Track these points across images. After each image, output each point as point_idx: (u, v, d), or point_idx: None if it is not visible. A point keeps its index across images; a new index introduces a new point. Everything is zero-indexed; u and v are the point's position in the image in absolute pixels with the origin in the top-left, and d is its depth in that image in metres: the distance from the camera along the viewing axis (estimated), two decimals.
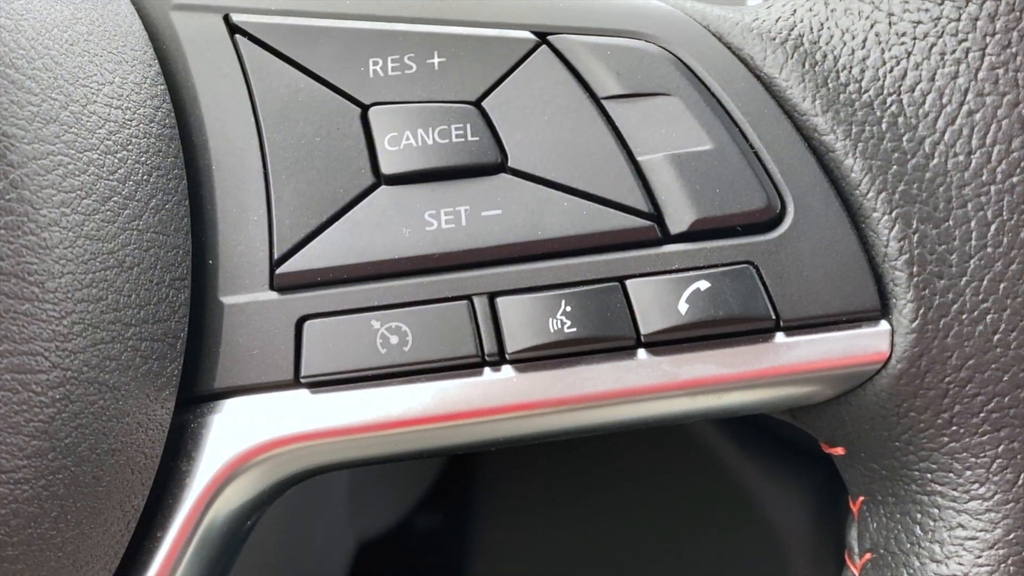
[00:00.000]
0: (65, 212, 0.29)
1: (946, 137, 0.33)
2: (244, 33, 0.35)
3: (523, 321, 0.33)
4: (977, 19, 0.33)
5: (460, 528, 0.50)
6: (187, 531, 0.33)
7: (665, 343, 0.33)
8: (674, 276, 0.33)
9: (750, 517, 0.53)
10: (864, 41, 0.34)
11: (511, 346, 0.33)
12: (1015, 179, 0.32)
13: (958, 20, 0.33)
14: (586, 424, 0.35)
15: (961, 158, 0.33)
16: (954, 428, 0.34)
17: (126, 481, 0.31)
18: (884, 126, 0.33)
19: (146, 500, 0.32)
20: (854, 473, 0.38)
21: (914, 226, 0.33)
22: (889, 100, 0.33)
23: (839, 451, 0.37)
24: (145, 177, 0.32)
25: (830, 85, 0.34)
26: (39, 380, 0.29)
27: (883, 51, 0.33)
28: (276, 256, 0.33)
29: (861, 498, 0.38)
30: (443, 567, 0.50)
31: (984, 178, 0.32)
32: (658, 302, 0.33)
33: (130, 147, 0.32)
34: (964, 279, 0.33)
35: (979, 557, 0.34)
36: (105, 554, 0.31)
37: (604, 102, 0.34)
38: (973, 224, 0.33)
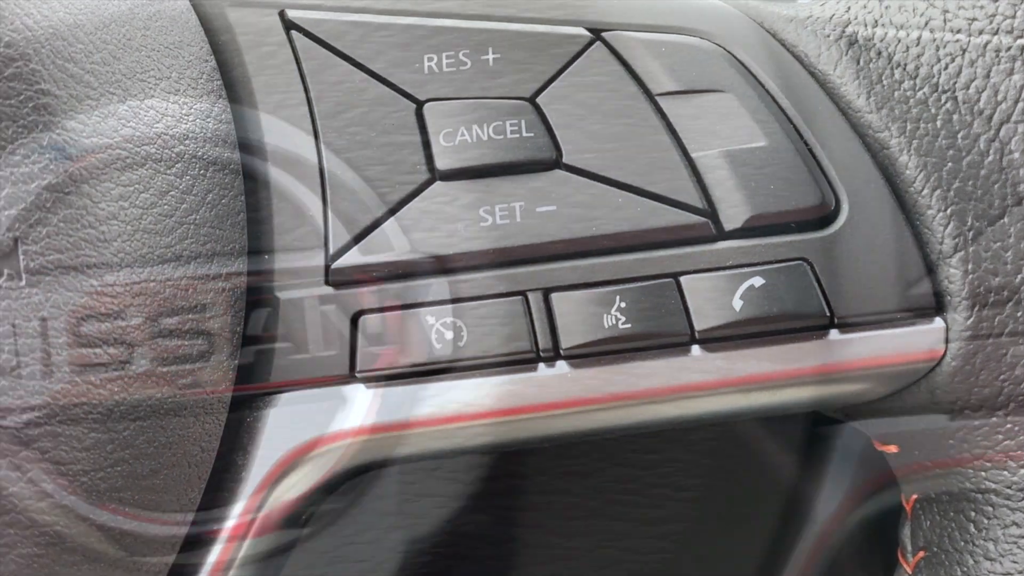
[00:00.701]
0: (123, 206, 0.30)
1: (1001, 134, 0.33)
2: (300, 29, 0.35)
3: (578, 317, 0.33)
4: None
5: (503, 529, 0.50)
6: (243, 525, 0.33)
7: (719, 340, 0.33)
8: (728, 272, 0.33)
9: (797, 516, 0.52)
10: (919, 38, 0.34)
11: (566, 342, 0.33)
12: None
13: (1013, 17, 0.33)
14: (640, 420, 0.35)
15: (1016, 155, 0.33)
16: (1008, 426, 0.33)
17: (183, 474, 0.31)
18: (939, 123, 0.33)
19: (202, 494, 0.32)
20: (907, 471, 0.38)
21: (969, 223, 0.33)
22: (944, 97, 0.33)
23: (892, 449, 0.37)
24: (202, 172, 0.32)
25: (884, 82, 0.34)
26: (99, 372, 0.29)
27: (938, 48, 0.33)
28: (331, 251, 0.33)
29: (914, 496, 0.38)
30: (486, 569, 0.50)
31: None
32: (713, 299, 0.33)
33: (187, 142, 0.32)
34: (1019, 276, 0.33)
35: None
36: (162, 547, 0.31)
37: (658, 98, 0.34)
38: None
